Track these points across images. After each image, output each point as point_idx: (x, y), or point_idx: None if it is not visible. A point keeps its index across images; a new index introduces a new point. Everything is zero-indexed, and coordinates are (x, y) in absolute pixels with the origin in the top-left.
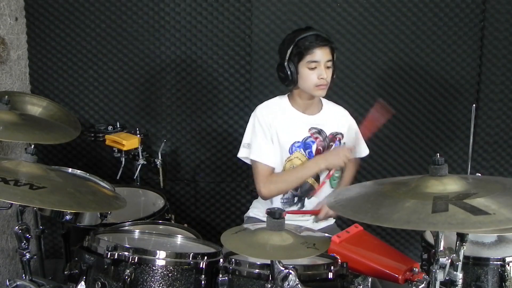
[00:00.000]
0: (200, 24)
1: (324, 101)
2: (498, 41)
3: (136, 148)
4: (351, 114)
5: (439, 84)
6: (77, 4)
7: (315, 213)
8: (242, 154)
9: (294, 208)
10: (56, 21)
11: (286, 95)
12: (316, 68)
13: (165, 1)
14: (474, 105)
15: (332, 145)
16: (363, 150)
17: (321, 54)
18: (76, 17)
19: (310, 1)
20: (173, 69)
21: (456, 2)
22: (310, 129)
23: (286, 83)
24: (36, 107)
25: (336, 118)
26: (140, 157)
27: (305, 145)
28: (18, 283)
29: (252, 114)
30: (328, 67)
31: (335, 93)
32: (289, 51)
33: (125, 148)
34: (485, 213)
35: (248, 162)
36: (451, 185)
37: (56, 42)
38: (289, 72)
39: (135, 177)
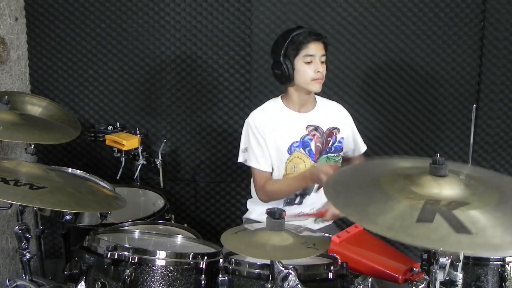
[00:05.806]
0: (200, 24)
1: (318, 98)
2: (498, 41)
3: (136, 148)
4: (351, 115)
5: (439, 84)
6: (77, 4)
7: (321, 215)
8: (241, 159)
9: (296, 206)
10: (56, 21)
11: (280, 97)
12: (312, 62)
13: (165, 1)
14: (474, 105)
15: (330, 141)
16: (361, 147)
17: (316, 48)
18: (76, 17)
19: (310, 1)
20: (173, 69)
21: (456, 2)
22: (307, 127)
23: (283, 80)
24: (36, 107)
25: (331, 113)
26: (140, 157)
27: (303, 143)
28: (18, 283)
29: (246, 121)
30: (322, 62)
31: (335, 93)
32: (284, 48)
33: (125, 148)
34: (467, 232)
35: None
36: (447, 189)
37: (56, 42)
38: (285, 68)
39: (135, 177)
